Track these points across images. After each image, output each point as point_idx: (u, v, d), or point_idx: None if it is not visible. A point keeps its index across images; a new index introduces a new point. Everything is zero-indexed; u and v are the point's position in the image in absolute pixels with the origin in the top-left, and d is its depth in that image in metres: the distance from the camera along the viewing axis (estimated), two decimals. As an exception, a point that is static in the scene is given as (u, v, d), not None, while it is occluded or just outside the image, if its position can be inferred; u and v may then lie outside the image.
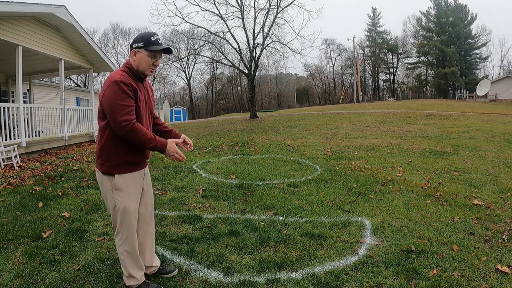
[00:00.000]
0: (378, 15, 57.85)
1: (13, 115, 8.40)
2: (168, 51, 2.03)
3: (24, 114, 8.12)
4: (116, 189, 2.03)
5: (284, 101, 62.51)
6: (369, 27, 58.29)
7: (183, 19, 17.76)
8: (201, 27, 18.94)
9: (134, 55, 2.00)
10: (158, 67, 2.13)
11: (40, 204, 3.98)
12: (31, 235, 3.06)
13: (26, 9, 7.58)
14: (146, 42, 1.97)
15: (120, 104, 1.85)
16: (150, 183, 2.34)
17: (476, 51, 51.10)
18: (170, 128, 2.39)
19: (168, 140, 2.04)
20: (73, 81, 40.49)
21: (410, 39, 56.34)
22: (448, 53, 48.08)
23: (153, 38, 1.97)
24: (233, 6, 18.66)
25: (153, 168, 5.90)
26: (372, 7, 66.66)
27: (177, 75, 51.70)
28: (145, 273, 2.25)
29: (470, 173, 5.36)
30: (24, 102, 11.04)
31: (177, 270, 2.41)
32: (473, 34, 50.52)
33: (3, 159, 6.71)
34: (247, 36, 19.04)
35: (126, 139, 1.91)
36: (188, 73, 51.90)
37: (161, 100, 46.05)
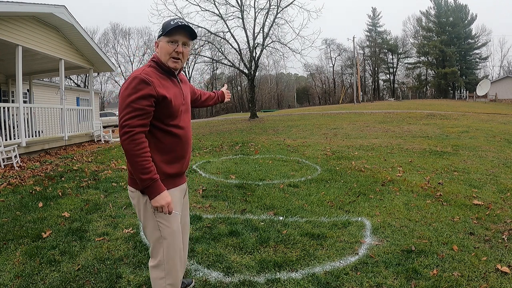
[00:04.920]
0: (378, 15, 57.91)
1: (13, 115, 8.41)
2: (186, 29, 1.67)
3: (24, 114, 8.12)
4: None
5: (284, 101, 62.50)
6: (369, 27, 58.34)
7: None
8: (201, 27, 18.93)
9: (157, 47, 1.72)
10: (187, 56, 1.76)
11: (40, 204, 3.98)
12: (31, 235, 3.06)
13: (26, 9, 7.59)
14: (164, 28, 1.67)
15: (130, 104, 1.54)
16: (188, 202, 2.00)
17: (476, 51, 51.12)
18: (214, 92, 2.32)
19: (166, 190, 1.62)
20: (73, 81, 40.49)
21: (410, 39, 56.44)
22: (448, 53, 48.07)
23: (173, 22, 1.66)
24: (233, 6, 18.68)
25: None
26: (372, 7, 66.91)
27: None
28: None
29: (470, 173, 5.36)
30: (24, 102, 11.04)
31: (193, 281, 2.29)
32: (473, 34, 50.55)
33: (3, 159, 6.71)
34: (247, 36, 19.06)
35: (123, 147, 1.57)
36: (188, 73, 51.88)
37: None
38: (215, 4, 18.09)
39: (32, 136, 8.69)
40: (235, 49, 19.67)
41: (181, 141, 1.74)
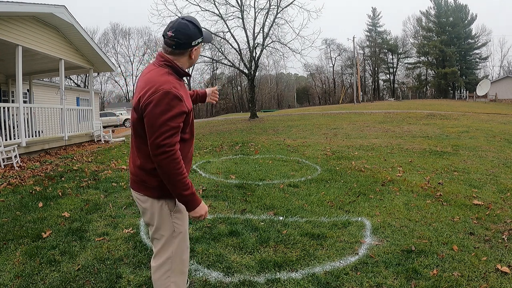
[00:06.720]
0: (378, 15, 57.91)
1: (13, 115, 8.40)
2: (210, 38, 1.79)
3: (24, 114, 8.12)
4: (177, 212, 1.70)
5: (284, 101, 62.50)
6: (369, 27, 58.34)
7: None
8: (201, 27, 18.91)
9: (194, 52, 1.66)
10: None
11: (40, 204, 3.98)
12: (31, 235, 3.06)
13: (26, 9, 7.59)
14: (206, 38, 1.70)
15: (167, 123, 1.48)
16: None
17: (476, 51, 51.15)
18: (193, 91, 2.18)
19: (201, 199, 1.67)
20: (73, 81, 40.51)
21: (410, 39, 56.46)
22: (448, 53, 48.08)
23: (207, 31, 1.71)
24: (233, 6, 18.70)
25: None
26: (372, 7, 66.94)
27: (177, 75, 51.54)
28: None
29: (470, 173, 5.36)
30: (24, 102, 11.04)
31: (189, 281, 2.27)
32: (473, 34, 50.57)
33: (3, 159, 6.70)
34: (247, 36, 19.07)
35: (157, 166, 1.53)
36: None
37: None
38: (215, 4, 18.13)
39: (32, 136, 8.69)
40: (235, 49, 19.70)
41: (189, 145, 1.73)
